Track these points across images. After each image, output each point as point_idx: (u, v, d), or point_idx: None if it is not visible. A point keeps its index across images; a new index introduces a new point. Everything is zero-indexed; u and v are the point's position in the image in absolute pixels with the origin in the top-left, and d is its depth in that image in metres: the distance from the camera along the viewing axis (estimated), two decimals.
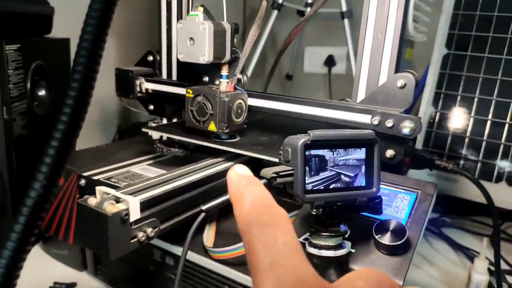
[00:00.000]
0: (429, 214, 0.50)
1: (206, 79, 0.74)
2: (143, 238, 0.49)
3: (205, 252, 0.59)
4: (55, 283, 0.73)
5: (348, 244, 0.45)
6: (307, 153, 0.40)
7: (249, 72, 1.32)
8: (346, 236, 0.47)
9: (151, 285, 0.66)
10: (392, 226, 0.45)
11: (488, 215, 1.00)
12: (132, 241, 0.49)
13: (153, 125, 0.80)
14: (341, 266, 0.44)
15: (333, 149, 0.41)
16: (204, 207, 0.39)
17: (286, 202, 0.66)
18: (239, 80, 0.66)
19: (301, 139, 0.40)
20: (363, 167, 0.43)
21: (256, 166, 0.70)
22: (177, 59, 0.78)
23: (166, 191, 0.53)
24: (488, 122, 1.00)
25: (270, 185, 0.41)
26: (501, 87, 0.99)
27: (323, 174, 0.41)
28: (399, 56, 0.57)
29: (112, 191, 0.49)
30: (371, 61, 0.58)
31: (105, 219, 0.45)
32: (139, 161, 0.77)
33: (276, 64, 0.87)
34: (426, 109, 1.09)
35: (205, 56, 0.64)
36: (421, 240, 0.92)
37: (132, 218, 0.48)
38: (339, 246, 0.43)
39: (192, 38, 0.64)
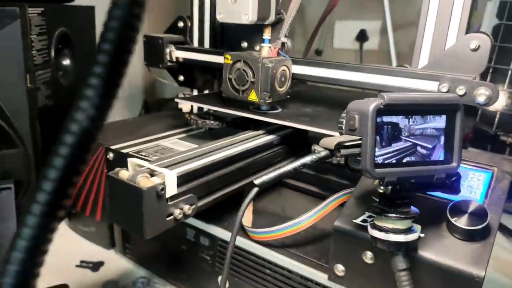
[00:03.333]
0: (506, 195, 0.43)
1: (245, 44, 0.68)
2: (180, 215, 0.44)
3: (243, 232, 0.54)
4: (81, 261, 0.69)
5: (418, 227, 0.38)
6: (378, 119, 0.34)
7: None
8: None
9: (182, 266, 0.62)
10: (470, 207, 0.38)
11: None
12: (168, 218, 0.44)
13: (185, 95, 0.74)
14: (410, 253, 0.38)
15: (409, 116, 0.35)
16: (257, 181, 0.33)
17: (332, 181, 0.61)
18: (283, 44, 0.59)
19: (372, 103, 0.33)
20: (442, 138, 0.36)
21: (301, 140, 0.65)
22: (210, 25, 0.72)
23: (204, 164, 0.47)
24: None
25: (332, 157, 0.35)
26: None
27: (396, 145, 0.35)
28: (470, 15, 0.49)
29: (146, 164, 0.44)
30: (437, 22, 0.51)
31: (139, 194, 0.40)
32: (169, 134, 0.72)
33: (316, 31, 0.80)
34: None
35: (248, 15, 0.57)
36: None
37: (168, 194, 0.43)
38: (409, 230, 0.37)
39: None
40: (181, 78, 0.77)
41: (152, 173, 0.44)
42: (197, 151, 0.51)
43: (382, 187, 0.36)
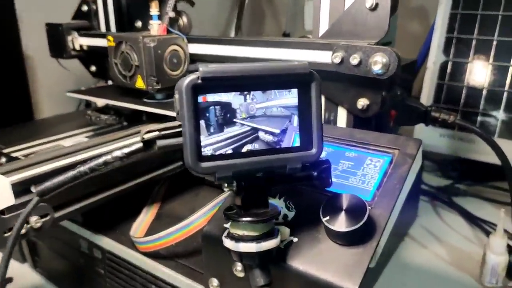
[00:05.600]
0: (410, 182, 0.35)
1: (139, 24, 0.60)
2: (25, 230, 0.37)
3: (131, 244, 0.47)
4: None
5: (284, 231, 0.31)
6: (200, 99, 0.26)
7: (244, 29, 1.14)
8: (289, 219, 0.34)
9: (82, 281, 0.55)
10: (346, 203, 0.30)
11: None
12: (6, 234, 0.36)
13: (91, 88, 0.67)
14: (273, 263, 0.30)
15: (245, 93, 0.27)
16: (36, 189, 0.26)
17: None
18: (173, 20, 0.51)
19: (187, 79, 0.26)
20: (296, 119, 0.28)
21: None
22: (114, 7, 0.65)
23: (57, 168, 0.40)
24: (510, 69, 0.83)
25: (146, 151, 0.27)
26: None
27: (230, 131, 0.27)
28: None
29: None
30: None
31: None
32: (77, 133, 0.65)
33: (241, 12, 0.72)
34: (436, 58, 0.92)
35: None
36: (422, 218, 0.77)
37: (2, 205, 0.36)
38: (265, 236, 0.29)
39: None
40: (93, 68, 0.69)
41: None
42: (60, 151, 0.43)
43: (225, 186, 0.29)
